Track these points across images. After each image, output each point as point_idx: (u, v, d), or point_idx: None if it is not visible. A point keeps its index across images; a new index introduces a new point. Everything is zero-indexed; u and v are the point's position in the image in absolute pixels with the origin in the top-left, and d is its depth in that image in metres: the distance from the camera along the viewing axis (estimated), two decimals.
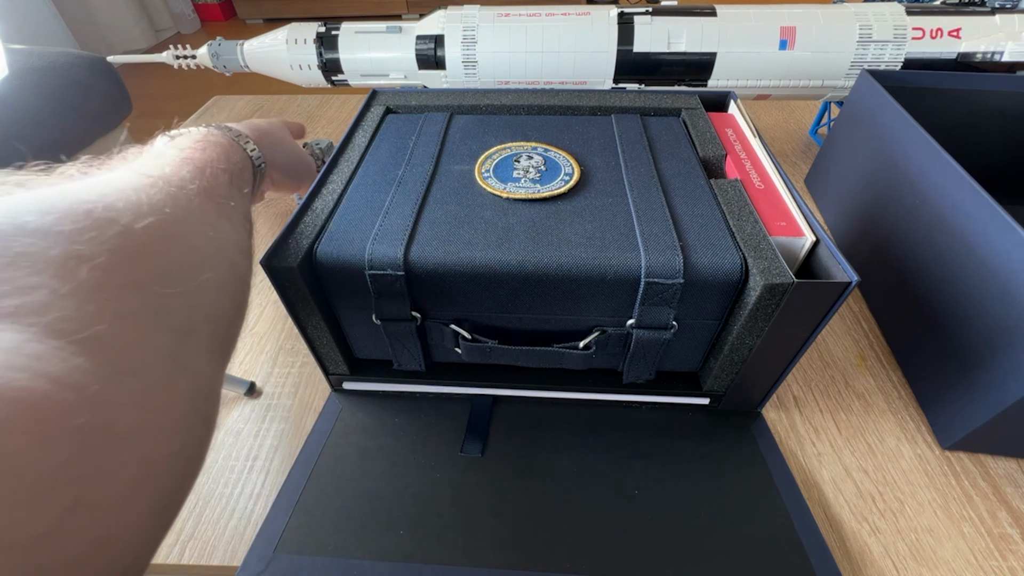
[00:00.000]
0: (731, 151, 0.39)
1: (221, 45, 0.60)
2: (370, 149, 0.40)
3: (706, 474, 0.34)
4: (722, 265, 0.29)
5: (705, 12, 0.55)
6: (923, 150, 0.40)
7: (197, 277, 0.20)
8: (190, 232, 0.21)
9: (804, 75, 0.55)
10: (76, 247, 0.16)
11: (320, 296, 0.33)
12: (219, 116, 0.78)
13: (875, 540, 0.32)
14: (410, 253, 0.31)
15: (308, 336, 0.35)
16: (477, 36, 0.56)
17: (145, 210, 0.19)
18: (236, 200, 0.27)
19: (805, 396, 0.40)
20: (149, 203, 0.20)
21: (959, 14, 0.53)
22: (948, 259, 0.36)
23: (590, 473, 0.34)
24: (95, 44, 2.21)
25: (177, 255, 0.20)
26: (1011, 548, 0.32)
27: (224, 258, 0.23)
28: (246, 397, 0.41)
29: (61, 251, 0.16)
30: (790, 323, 0.30)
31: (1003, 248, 0.31)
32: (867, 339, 0.44)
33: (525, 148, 0.39)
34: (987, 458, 0.36)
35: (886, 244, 0.43)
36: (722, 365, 0.34)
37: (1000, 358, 0.31)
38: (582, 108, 0.45)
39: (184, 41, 0.74)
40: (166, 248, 0.20)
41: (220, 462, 0.37)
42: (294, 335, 0.45)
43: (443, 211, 0.33)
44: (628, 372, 0.36)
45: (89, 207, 0.18)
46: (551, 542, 0.31)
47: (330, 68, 0.59)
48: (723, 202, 0.34)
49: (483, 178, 0.36)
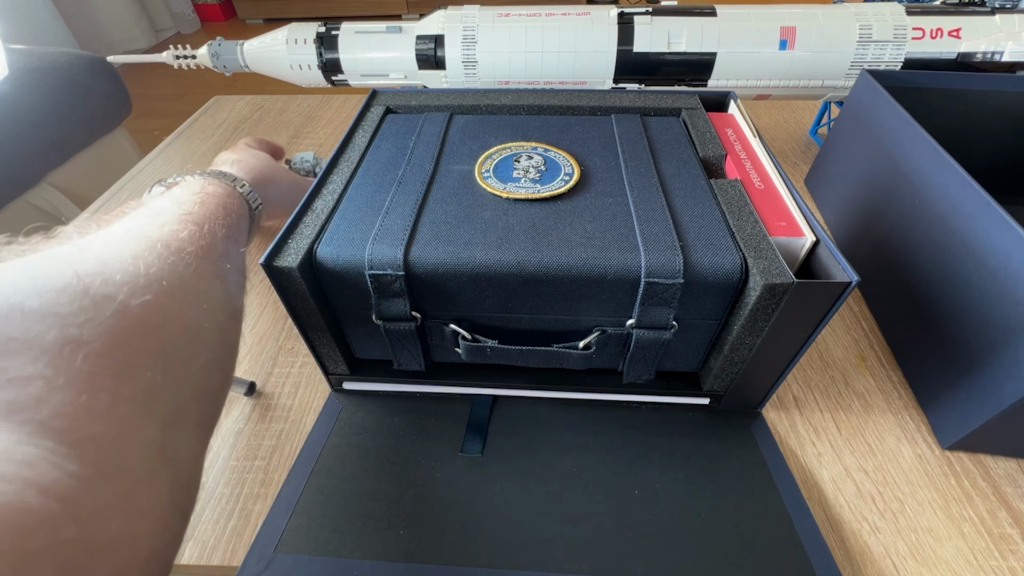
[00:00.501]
0: (731, 151, 0.39)
1: (221, 45, 0.60)
2: (370, 149, 0.40)
3: (706, 474, 0.34)
4: (722, 265, 0.29)
5: (705, 12, 0.55)
6: (923, 150, 0.40)
7: (192, 362, 0.20)
8: (186, 306, 0.21)
9: (804, 75, 0.55)
10: (72, 331, 0.16)
11: (320, 296, 0.33)
12: (219, 116, 0.78)
13: (875, 540, 0.32)
14: (410, 253, 0.31)
15: (308, 336, 0.35)
16: (477, 36, 0.56)
17: (142, 283, 0.19)
18: (232, 259, 0.27)
19: (805, 396, 0.40)
20: (147, 275, 0.20)
21: (959, 14, 0.53)
22: (948, 259, 0.36)
23: (590, 473, 0.34)
24: (95, 44, 2.21)
25: (173, 335, 0.20)
26: (1011, 548, 0.32)
27: (216, 329, 0.23)
28: (246, 397, 0.41)
29: (56, 336, 0.15)
30: (790, 323, 0.30)
31: (1003, 248, 0.31)
32: (867, 339, 0.44)
33: (525, 148, 0.39)
34: (987, 458, 0.36)
35: (886, 244, 0.43)
36: (722, 365, 0.34)
37: (1000, 358, 0.31)
38: (582, 108, 0.45)
39: (184, 41, 0.74)
40: (162, 327, 0.19)
41: (220, 462, 0.37)
42: (294, 335, 0.45)
43: (443, 211, 0.33)
44: (628, 372, 0.36)
45: (87, 283, 0.17)
46: (551, 542, 0.31)
47: (330, 68, 0.59)
48: (723, 202, 0.34)
49: (483, 178, 0.36)
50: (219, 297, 0.24)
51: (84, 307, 0.17)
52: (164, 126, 0.86)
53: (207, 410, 0.22)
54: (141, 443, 0.17)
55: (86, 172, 0.96)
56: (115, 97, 1.00)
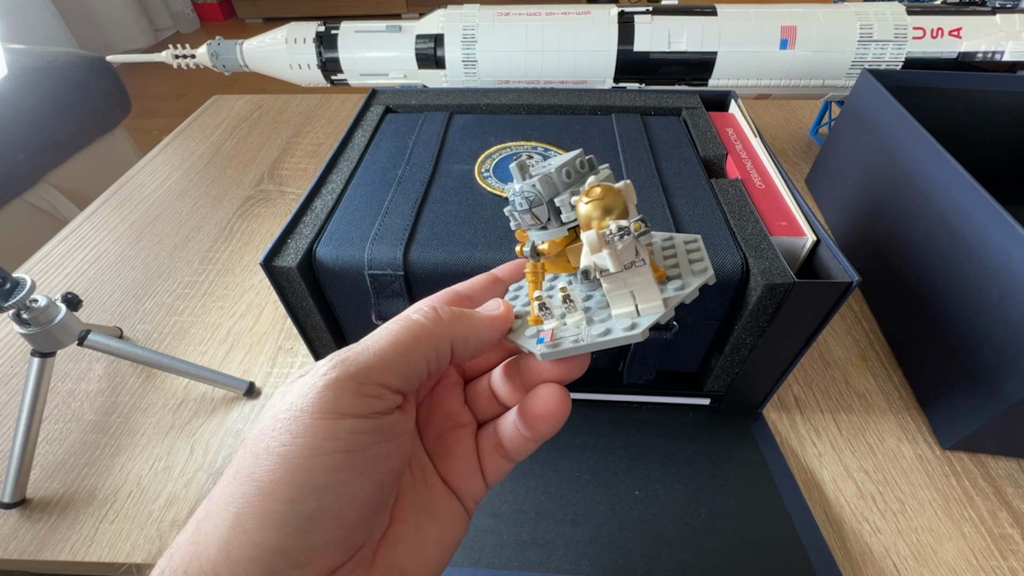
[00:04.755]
0: (732, 151, 0.39)
1: (220, 44, 0.60)
2: (370, 149, 0.40)
3: (707, 475, 0.34)
4: (723, 265, 0.29)
5: (706, 11, 0.55)
6: (923, 150, 0.40)
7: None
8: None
9: (805, 74, 0.55)
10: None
11: (319, 296, 0.33)
12: (218, 115, 0.78)
13: (876, 540, 0.32)
14: (410, 253, 0.30)
15: (307, 336, 0.35)
16: (477, 35, 0.55)
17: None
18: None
19: (806, 396, 0.40)
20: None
21: (960, 14, 0.53)
22: (949, 259, 0.36)
23: (590, 473, 0.34)
24: (94, 44, 2.20)
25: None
26: (1011, 548, 0.32)
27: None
28: (246, 397, 0.41)
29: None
30: (791, 323, 0.30)
31: (1003, 248, 0.31)
32: (868, 339, 0.44)
33: (525, 148, 0.39)
34: (988, 458, 0.36)
35: (887, 244, 0.43)
36: (723, 365, 0.34)
37: (1001, 358, 0.31)
38: (582, 107, 0.45)
39: (183, 41, 0.74)
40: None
41: (220, 462, 0.37)
42: (293, 335, 0.45)
43: (443, 211, 0.33)
44: (628, 372, 0.36)
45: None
46: (551, 542, 0.31)
47: (329, 67, 0.59)
48: (724, 202, 0.34)
49: (483, 178, 0.36)
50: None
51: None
52: (163, 125, 0.86)
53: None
54: None
55: (85, 171, 0.96)
56: (114, 97, 1.00)
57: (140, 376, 0.43)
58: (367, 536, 0.16)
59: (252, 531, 0.13)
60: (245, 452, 0.14)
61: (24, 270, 0.53)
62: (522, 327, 0.19)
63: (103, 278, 0.52)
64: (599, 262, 0.16)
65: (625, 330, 0.17)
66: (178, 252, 0.54)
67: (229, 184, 0.64)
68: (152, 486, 0.36)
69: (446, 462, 0.20)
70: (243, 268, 0.52)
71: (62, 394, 0.41)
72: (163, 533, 0.33)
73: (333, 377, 0.15)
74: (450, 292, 0.20)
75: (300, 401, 0.14)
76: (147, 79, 2.20)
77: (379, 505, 0.16)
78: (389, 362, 0.15)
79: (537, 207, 0.18)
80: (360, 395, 0.15)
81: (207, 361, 0.43)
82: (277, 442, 0.14)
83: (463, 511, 0.19)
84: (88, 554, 0.32)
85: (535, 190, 0.17)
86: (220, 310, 0.48)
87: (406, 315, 0.17)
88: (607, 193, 0.16)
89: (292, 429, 0.14)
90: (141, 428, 0.39)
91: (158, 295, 0.49)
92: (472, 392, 0.21)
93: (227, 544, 0.13)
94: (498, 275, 0.22)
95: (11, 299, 0.32)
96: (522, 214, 0.18)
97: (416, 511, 0.18)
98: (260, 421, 0.15)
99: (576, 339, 0.17)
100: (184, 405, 0.40)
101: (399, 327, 0.16)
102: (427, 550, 0.18)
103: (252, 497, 0.13)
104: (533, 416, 0.18)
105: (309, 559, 0.14)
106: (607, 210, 0.16)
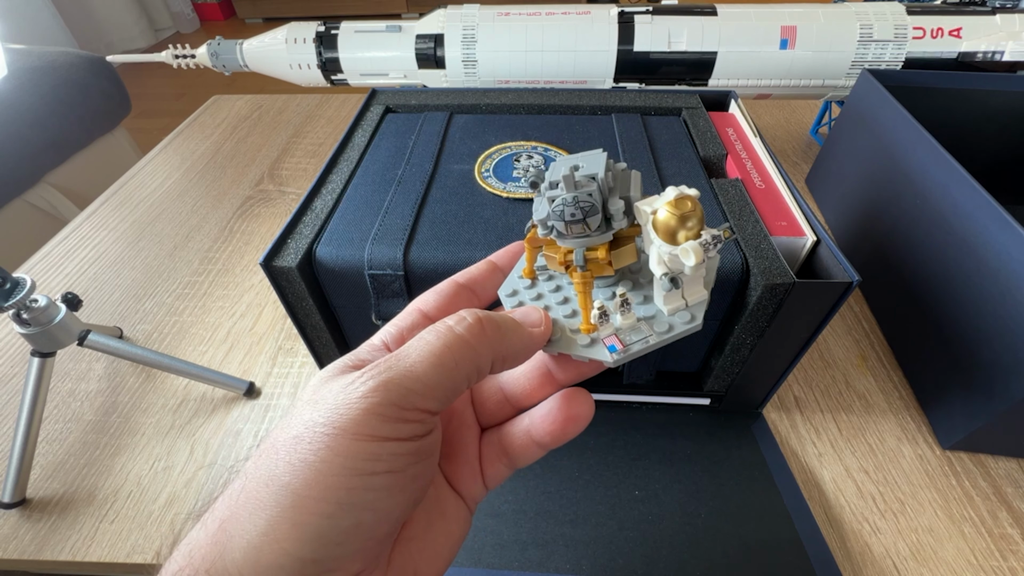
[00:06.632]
0: (732, 150, 0.39)
1: (220, 44, 0.60)
2: (370, 148, 0.40)
3: (707, 475, 0.34)
4: (723, 265, 0.29)
5: (706, 11, 0.55)
6: (923, 150, 0.40)
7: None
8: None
9: (805, 74, 0.55)
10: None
11: (319, 296, 0.33)
12: (218, 115, 0.78)
13: (876, 540, 0.32)
14: (410, 253, 0.30)
15: (307, 336, 0.35)
16: (477, 35, 0.55)
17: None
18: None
19: (806, 396, 0.40)
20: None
21: (960, 14, 0.53)
22: (949, 259, 0.36)
23: (590, 473, 0.34)
24: (95, 44, 2.20)
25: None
26: (1011, 548, 0.32)
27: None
28: (246, 397, 0.41)
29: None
30: (791, 323, 0.30)
31: (1003, 248, 0.31)
32: (868, 339, 0.44)
33: (525, 147, 0.39)
34: (988, 458, 0.36)
35: (887, 244, 0.43)
36: (723, 365, 0.34)
37: (1001, 358, 0.31)
38: (582, 107, 0.45)
39: (183, 40, 0.74)
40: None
41: (219, 462, 0.37)
42: (293, 335, 0.45)
43: (443, 211, 0.33)
44: (628, 372, 0.36)
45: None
46: (551, 542, 0.31)
47: (329, 67, 0.59)
48: (724, 202, 0.34)
49: (483, 178, 0.36)
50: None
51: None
52: (163, 125, 0.86)
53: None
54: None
55: (85, 171, 0.96)
56: (114, 96, 1.00)
57: (140, 376, 0.43)
58: (392, 541, 0.16)
59: (285, 541, 0.13)
60: (276, 458, 0.14)
61: (24, 270, 0.53)
62: (562, 336, 0.18)
63: (103, 278, 0.52)
64: (686, 268, 0.16)
65: (685, 323, 0.17)
66: (178, 252, 0.54)
67: (229, 184, 0.64)
68: (152, 486, 0.36)
69: (450, 462, 0.20)
70: (243, 268, 0.52)
71: (62, 394, 0.41)
72: (163, 534, 0.33)
73: (375, 402, 0.14)
74: (451, 283, 0.20)
75: (339, 419, 0.14)
76: (147, 79, 2.20)
77: (408, 516, 0.16)
78: (433, 387, 0.15)
79: (592, 216, 0.17)
80: (402, 420, 0.14)
81: (207, 361, 0.43)
82: (316, 456, 0.14)
83: (467, 510, 0.19)
84: (88, 554, 0.32)
85: (590, 200, 0.17)
86: (220, 310, 0.48)
87: (447, 326, 0.16)
88: (696, 207, 0.16)
89: (332, 446, 0.14)
90: (141, 428, 0.39)
91: (158, 295, 0.50)
92: (478, 394, 0.21)
93: (257, 550, 0.13)
94: (495, 261, 0.22)
95: (11, 299, 0.32)
96: (570, 224, 0.17)
97: (427, 509, 0.18)
98: (290, 427, 0.14)
99: (645, 340, 0.17)
100: (184, 405, 0.40)
101: (441, 343, 0.15)
102: (437, 548, 0.18)
103: (287, 508, 0.13)
104: (566, 417, 0.19)
105: (338, 566, 0.14)
106: (685, 218, 0.16)
